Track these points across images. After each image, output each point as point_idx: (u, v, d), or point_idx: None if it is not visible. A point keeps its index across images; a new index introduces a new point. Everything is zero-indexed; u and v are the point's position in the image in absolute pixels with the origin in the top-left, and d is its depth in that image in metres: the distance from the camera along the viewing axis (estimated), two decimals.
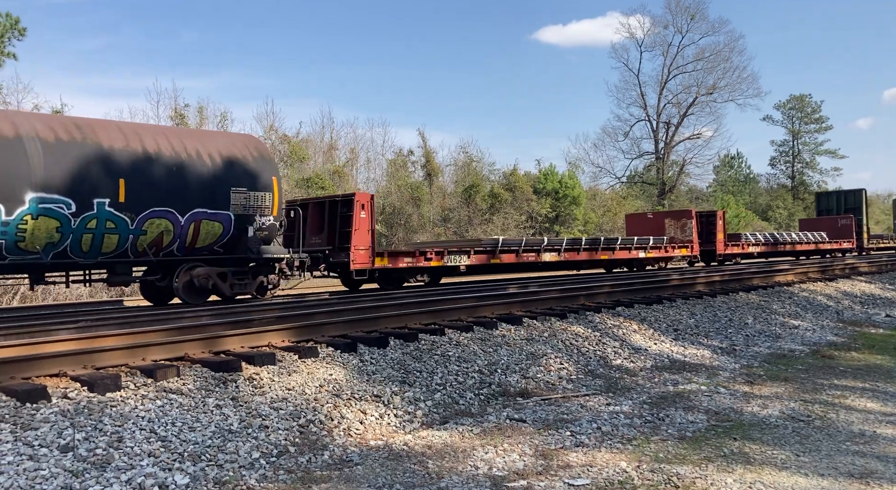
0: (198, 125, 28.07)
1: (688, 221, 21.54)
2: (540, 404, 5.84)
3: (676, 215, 22.27)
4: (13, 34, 21.88)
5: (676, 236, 21.27)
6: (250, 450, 4.34)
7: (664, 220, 22.06)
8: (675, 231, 21.42)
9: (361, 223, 12.88)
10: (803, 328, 10.65)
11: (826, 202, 35.50)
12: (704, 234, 22.34)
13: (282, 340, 6.39)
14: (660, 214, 22.81)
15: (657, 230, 21.55)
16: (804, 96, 62.22)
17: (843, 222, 31.04)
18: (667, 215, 22.43)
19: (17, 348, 5.40)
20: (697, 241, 21.47)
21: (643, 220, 23.34)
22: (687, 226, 21.43)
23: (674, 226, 21.54)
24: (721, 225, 22.78)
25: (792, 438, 4.87)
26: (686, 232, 21.35)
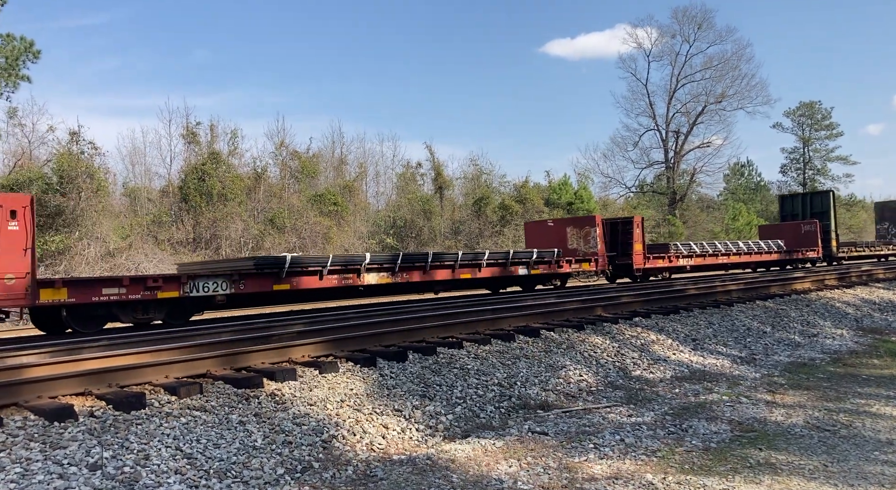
0: (209, 143, 28.33)
1: (591, 230, 17.73)
2: (561, 416, 5.82)
3: (579, 223, 18.48)
4: (27, 57, 22.24)
5: (580, 248, 17.73)
6: (275, 466, 4.35)
7: (566, 229, 18.33)
8: (578, 242, 17.87)
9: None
10: (823, 336, 10.56)
11: (790, 206, 31.23)
12: (620, 244, 18.93)
13: (302, 356, 6.42)
14: (561, 222, 19.09)
15: (559, 241, 18.08)
16: (814, 103, 62.03)
17: (807, 228, 27.15)
18: (569, 223, 18.68)
19: (43, 367, 5.46)
20: (605, 254, 17.83)
21: (543, 229, 19.38)
22: (590, 235, 17.68)
23: (576, 235, 17.94)
24: (639, 234, 18.91)
25: (818, 448, 4.83)
26: (590, 243, 17.61)
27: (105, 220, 22.22)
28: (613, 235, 18.97)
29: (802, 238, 26.62)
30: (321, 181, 31.45)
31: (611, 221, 19.52)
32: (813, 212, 28.90)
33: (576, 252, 17.59)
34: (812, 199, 29.99)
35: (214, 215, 24.60)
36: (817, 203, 29.39)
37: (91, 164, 22.21)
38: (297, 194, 28.56)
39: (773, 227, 29.96)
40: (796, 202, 30.84)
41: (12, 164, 24.19)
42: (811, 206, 29.52)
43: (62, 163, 21.62)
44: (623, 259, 18.74)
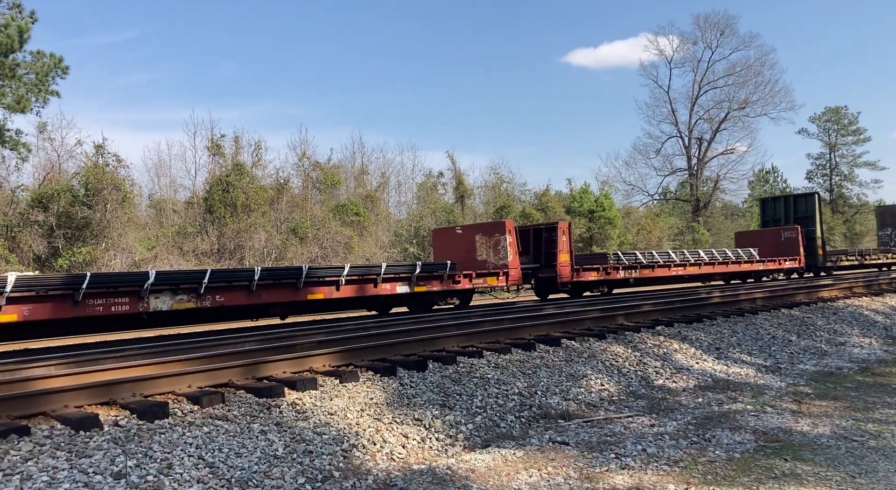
0: (233, 155, 28.70)
1: (501, 238, 14.88)
2: (582, 426, 5.77)
3: (488, 230, 15.49)
4: (57, 73, 22.73)
5: (489, 259, 15.00)
6: (296, 475, 4.38)
7: (475, 237, 15.54)
8: (488, 252, 15.12)
9: None
10: (850, 345, 10.37)
11: (772, 210, 27.82)
12: (544, 255, 16.50)
13: (322, 365, 6.46)
14: (470, 229, 16.25)
15: (467, 251, 15.55)
16: (840, 108, 61.21)
17: (788, 235, 23.91)
18: (478, 230, 15.81)
19: (69, 377, 5.56)
20: (518, 266, 15.09)
21: (452, 238, 16.42)
22: (500, 244, 14.85)
23: (485, 244, 15.18)
24: (565, 242, 16.23)
25: (846, 459, 4.73)
26: (500, 253, 14.84)
27: (131, 231, 22.60)
28: (537, 244, 16.66)
29: (783, 246, 23.72)
30: (342, 191, 31.69)
31: (533, 228, 17.21)
32: (797, 216, 26.02)
33: (485, 264, 14.93)
34: (796, 203, 26.79)
35: (238, 226, 24.89)
36: (801, 207, 26.35)
37: (117, 177, 22.61)
38: (320, 205, 28.81)
39: (750, 234, 27.19)
40: (778, 206, 27.63)
41: (42, 178, 24.71)
42: (794, 211, 26.46)
43: (89, 175, 22.04)
44: (547, 271, 16.25)
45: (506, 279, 14.71)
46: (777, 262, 22.62)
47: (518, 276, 15.06)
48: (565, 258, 16.25)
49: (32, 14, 21.29)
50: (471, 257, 15.28)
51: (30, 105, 21.27)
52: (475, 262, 15.14)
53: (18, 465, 3.92)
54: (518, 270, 15.02)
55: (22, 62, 21.14)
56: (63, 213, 21.39)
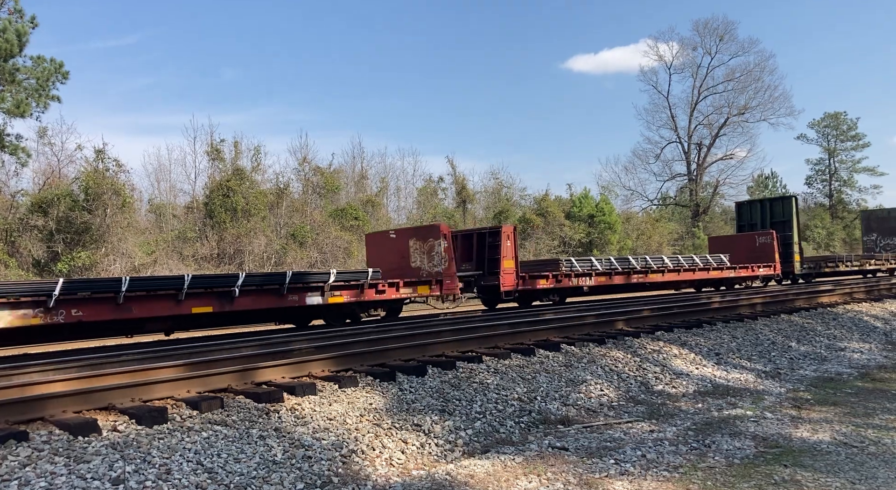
0: (233, 160, 28.74)
1: (436, 244, 13.54)
2: (582, 432, 5.77)
3: (422, 234, 14.12)
4: (57, 78, 22.79)
5: (423, 266, 13.69)
6: (294, 481, 4.36)
7: (408, 242, 14.24)
8: (422, 258, 13.79)
9: None
10: (850, 350, 10.36)
11: (748, 214, 26.37)
12: (487, 261, 15.15)
13: (321, 370, 6.45)
14: (404, 233, 14.83)
15: (401, 257, 14.26)
16: (839, 114, 61.33)
17: (763, 240, 22.67)
18: (412, 235, 14.47)
19: (68, 383, 5.55)
20: (455, 274, 13.66)
21: (385, 242, 15.05)
22: (435, 250, 13.51)
23: (419, 250, 13.88)
24: (510, 248, 14.92)
25: (846, 465, 4.73)
26: (434, 259, 13.53)
27: (130, 236, 22.61)
28: (480, 250, 15.37)
29: (757, 252, 22.49)
30: (342, 196, 31.73)
31: (477, 233, 15.83)
32: (773, 221, 24.78)
33: (419, 271, 13.69)
34: (772, 206, 25.49)
35: (238, 231, 24.91)
36: (777, 210, 25.05)
37: (116, 181, 22.64)
38: (319, 209, 28.84)
39: (724, 240, 25.93)
40: (754, 210, 26.27)
41: (42, 183, 24.73)
42: (771, 215, 25.13)
43: (89, 180, 22.07)
44: (490, 279, 14.91)
45: (440, 288, 13.34)
46: (750, 269, 21.26)
47: (455, 285, 13.69)
48: (509, 265, 14.98)
49: (33, 19, 21.37)
50: (405, 264, 14.05)
51: (30, 110, 21.31)
52: (409, 269, 13.87)
53: (16, 470, 3.91)
54: (455, 279, 13.69)
55: (22, 67, 21.19)
56: (63, 217, 21.42)
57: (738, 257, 21.68)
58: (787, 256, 23.32)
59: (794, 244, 23.76)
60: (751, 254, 22.31)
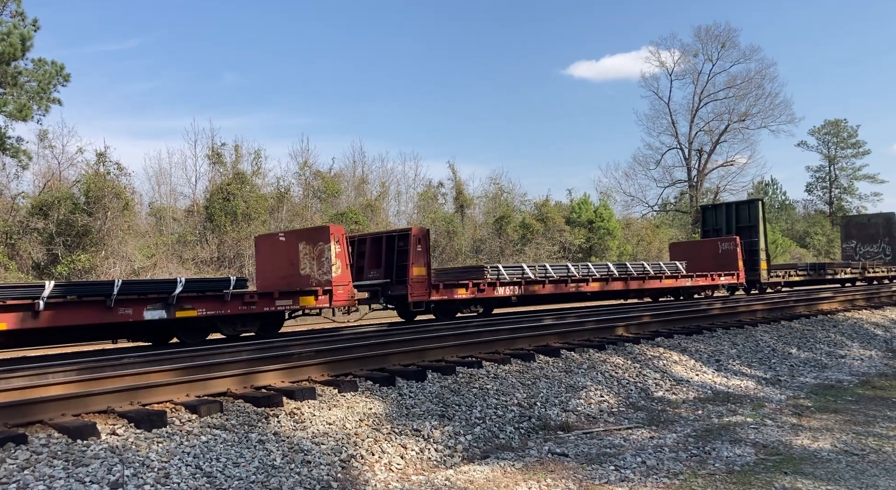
0: (233, 163, 28.77)
1: (325, 248, 11.93)
2: (582, 438, 5.75)
3: (311, 238, 12.41)
4: (58, 81, 22.82)
5: (313, 273, 12.11)
6: (293, 485, 4.35)
7: (298, 247, 12.58)
8: (311, 264, 12.18)
9: None
10: (850, 357, 10.35)
11: (713, 219, 24.58)
12: (395, 268, 13.59)
13: (321, 374, 6.43)
14: (294, 236, 13.04)
15: (290, 263, 12.55)
16: (839, 121, 61.46)
17: (726, 247, 21.14)
18: (302, 237, 12.70)
19: (67, 385, 5.54)
20: (349, 282, 12.10)
21: (275, 246, 13.18)
22: (324, 255, 11.92)
23: (309, 255, 12.28)
24: (420, 253, 13.39)
25: (846, 473, 4.71)
26: (324, 266, 11.95)
27: (131, 239, 22.62)
28: (388, 256, 13.79)
29: (720, 259, 21.02)
30: (343, 200, 31.74)
31: (386, 236, 14.19)
32: (739, 226, 23.16)
33: (308, 280, 12.12)
34: (738, 211, 23.77)
35: (238, 234, 24.92)
36: (744, 215, 23.37)
37: (117, 185, 22.66)
38: (320, 213, 28.85)
39: (686, 246, 24.41)
40: (719, 214, 24.45)
41: (42, 185, 24.76)
42: (737, 219, 23.46)
43: (89, 183, 22.09)
44: (398, 288, 13.33)
45: (329, 299, 11.67)
46: (709, 278, 19.75)
47: (348, 296, 12.02)
48: (419, 272, 13.33)
49: (35, 22, 21.41)
50: (294, 271, 12.41)
51: (31, 113, 21.33)
52: (299, 277, 12.28)
53: (15, 473, 3.90)
54: (348, 288, 12.01)
55: (24, 70, 21.22)
56: (63, 220, 21.42)
57: (700, 265, 20.40)
58: (752, 264, 21.94)
59: (761, 251, 22.28)
60: (713, 261, 20.96)
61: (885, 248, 31.77)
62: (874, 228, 32.72)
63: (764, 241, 22.50)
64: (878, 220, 33.42)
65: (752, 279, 21.73)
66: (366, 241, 14.47)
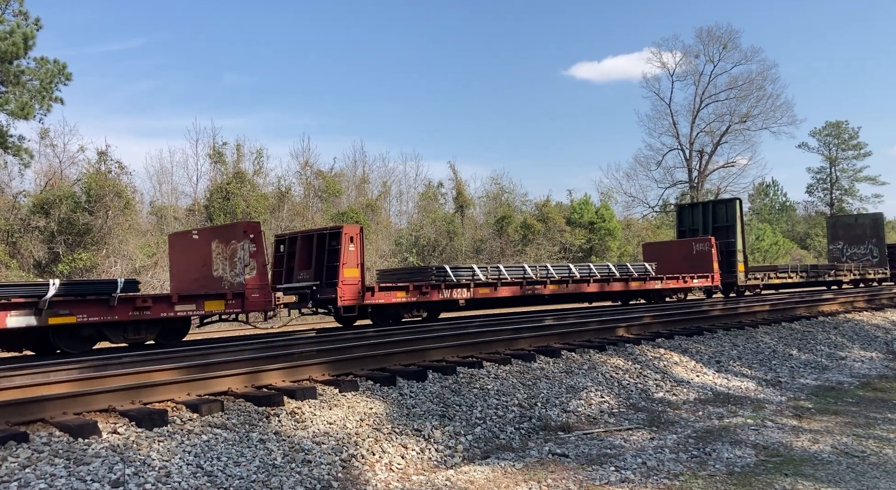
0: (235, 163, 28.78)
1: (239, 247, 10.95)
2: (582, 438, 5.75)
3: (224, 236, 11.37)
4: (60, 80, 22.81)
5: (225, 276, 11.10)
6: (294, 485, 4.36)
7: (211, 245, 11.53)
8: (223, 264, 11.18)
9: None
10: (851, 359, 10.34)
11: (689, 219, 23.57)
12: (326, 270, 12.41)
13: (321, 374, 6.44)
14: (208, 234, 11.95)
15: (203, 264, 11.57)
16: (840, 123, 61.38)
17: (701, 248, 20.15)
18: (215, 235, 11.64)
19: (69, 384, 5.54)
20: (265, 284, 11.21)
21: (189, 245, 12.19)
22: (237, 255, 10.92)
23: (222, 254, 11.24)
24: (353, 253, 12.23)
25: (847, 475, 4.71)
26: (237, 267, 10.93)
27: (132, 238, 22.62)
28: (319, 256, 12.67)
29: (694, 260, 20.06)
30: (344, 200, 31.74)
31: (317, 234, 12.96)
32: (716, 226, 22.27)
33: (221, 282, 11.04)
34: (715, 210, 22.87)
35: None
36: (721, 215, 22.48)
37: (118, 183, 22.68)
38: (321, 213, 28.85)
39: (659, 246, 23.36)
40: (696, 213, 23.47)
41: (43, 184, 24.78)
42: (713, 219, 22.55)
43: (91, 182, 22.10)
44: (328, 291, 12.22)
45: (240, 303, 10.70)
46: (681, 280, 18.83)
47: (265, 300, 11.03)
48: (352, 274, 12.19)
49: (38, 21, 21.40)
50: (208, 273, 11.37)
51: (33, 112, 21.33)
52: (212, 279, 11.27)
53: (16, 471, 3.91)
54: (265, 292, 11.01)
55: (26, 69, 21.23)
56: (64, 218, 21.43)
57: (673, 266, 19.61)
58: (729, 266, 21.09)
59: (738, 252, 21.38)
60: (687, 262, 20.04)
61: (872, 250, 30.18)
62: (861, 229, 31.09)
63: (742, 241, 21.67)
64: (865, 220, 31.95)
65: (728, 282, 21.00)
66: (297, 239, 13.37)
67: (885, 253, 29.55)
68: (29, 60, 21.33)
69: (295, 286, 12.58)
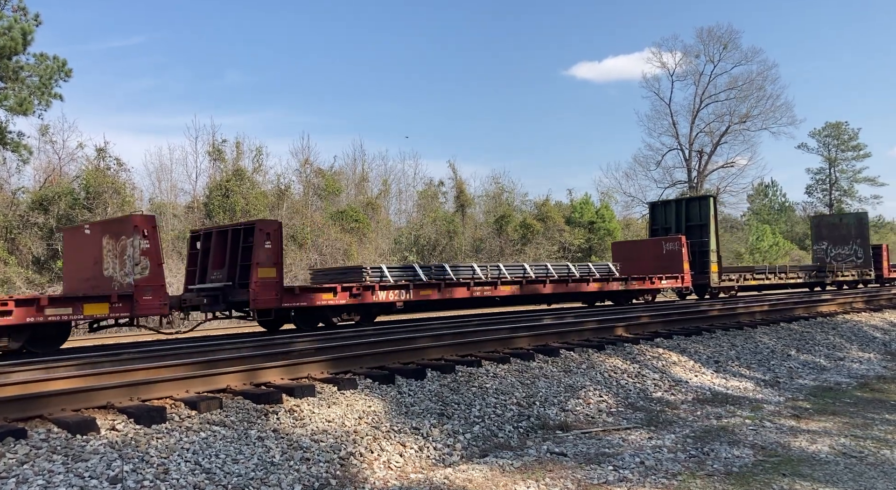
0: (234, 160, 28.75)
1: (129, 243, 9.78)
2: (580, 438, 5.76)
3: (115, 229, 10.22)
4: (60, 76, 22.79)
5: (116, 275, 10.01)
6: (292, 482, 4.35)
7: (102, 241, 10.37)
8: (114, 262, 10.09)
9: None
10: (849, 360, 10.36)
11: (662, 217, 22.58)
12: (238, 268, 11.28)
13: (320, 372, 6.44)
14: (99, 228, 10.70)
15: (94, 262, 10.47)
16: (840, 123, 61.45)
17: (671, 247, 19.20)
18: (106, 230, 10.45)
19: (67, 380, 5.54)
20: (161, 286, 9.97)
21: (81, 241, 11.07)
22: (128, 252, 9.78)
23: (113, 251, 10.12)
24: (269, 251, 11.08)
25: (844, 475, 4.72)
26: (127, 265, 9.82)
27: None
28: (233, 254, 11.51)
29: (664, 260, 19.20)
30: (343, 198, 31.73)
31: (232, 229, 11.80)
32: (689, 225, 21.36)
33: (110, 282, 10.03)
34: (688, 208, 21.90)
35: None
36: (694, 213, 21.52)
37: (117, 180, 22.66)
38: (320, 211, 28.84)
39: (629, 246, 22.57)
40: (669, 211, 22.44)
41: (42, 180, 24.75)
42: (687, 217, 21.57)
43: (89, 179, 22.08)
44: (241, 292, 11.08)
45: (129, 307, 9.56)
46: (647, 281, 17.91)
47: (159, 303, 9.83)
48: (268, 273, 11.05)
49: (37, 17, 21.37)
50: (99, 272, 10.30)
51: (32, 108, 21.31)
52: (102, 279, 10.22)
53: (14, 468, 3.90)
54: (161, 293, 9.88)
55: (25, 65, 21.20)
56: (63, 215, 21.42)
57: (643, 266, 18.89)
58: (702, 266, 20.24)
59: (712, 252, 20.48)
60: (657, 262, 19.18)
61: (856, 251, 29.16)
62: (846, 229, 29.96)
63: (716, 241, 20.83)
64: (849, 220, 30.90)
65: (701, 283, 20.33)
66: (211, 235, 12.20)
67: (869, 254, 28.90)
68: (28, 56, 21.32)
69: (206, 287, 11.51)
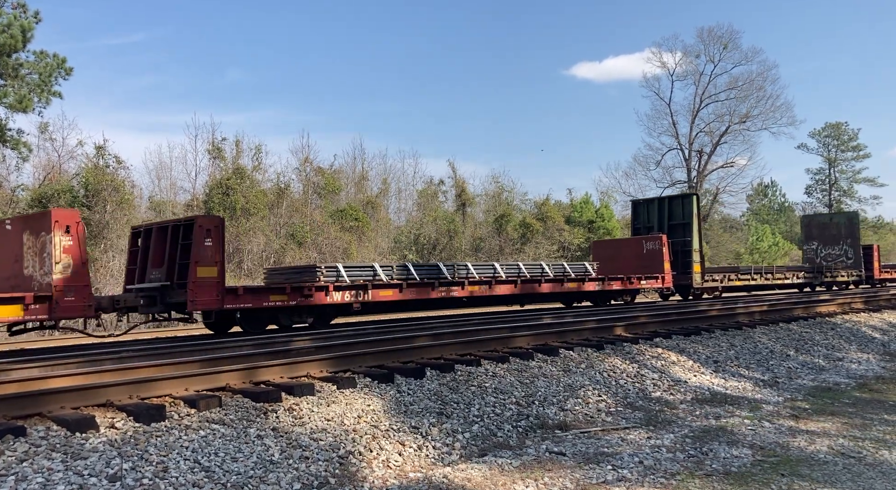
0: (234, 158, 28.75)
1: (48, 240, 9.23)
2: (579, 437, 5.76)
3: (34, 226, 9.65)
4: (60, 74, 22.77)
5: (35, 274, 9.47)
6: (291, 481, 4.36)
7: (22, 238, 9.79)
8: (34, 261, 9.52)
9: None
10: (848, 360, 10.36)
11: (645, 216, 21.92)
12: (177, 266, 10.59)
13: (320, 371, 6.44)
14: (20, 224, 10.10)
15: (14, 259, 9.89)
16: (840, 124, 61.44)
17: (651, 246, 18.64)
18: (26, 225, 9.85)
19: (67, 378, 5.54)
20: (86, 286, 9.45)
21: (2, 236, 10.35)
22: (46, 250, 9.21)
23: (32, 248, 9.57)
24: (209, 248, 10.35)
25: (843, 475, 4.72)
26: (45, 265, 9.29)
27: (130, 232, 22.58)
28: (172, 252, 10.78)
29: (644, 260, 18.65)
30: (343, 197, 31.73)
31: (172, 226, 11.01)
32: (672, 223, 20.72)
33: (30, 282, 9.51)
34: (671, 206, 21.23)
35: (237, 230, 24.89)
36: (677, 211, 20.89)
37: (116, 178, 22.65)
38: (320, 209, 28.84)
39: (609, 245, 22.08)
40: (651, 210, 21.71)
41: (42, 178, 24.74)
42: (669, 216, 20.94)
43: (89, 176, 22.08)
44: (179, 293, 10.44)
45: (46, 309, 8.98)
46: (626, 282, 17.34)
47: (81, 304, 9.27)
48: (208, 273, 10.31)
49: (37, 14, 21.35)
50: (19, 270, 9.73)
51: (31, 105, 21.29)
52: (23, 278, 9.67)
53: (13, 465, 3.91)
54: (83, 294, 9.29)
55: (25, 62, 21.18)
56: None
57: (623, 266, 18.37)
58: (684, 266, 19.65)
59: (695, 252, 19.87)
60: (638, 262, 18.60)
61: (847, 251, 28.48)
62: (836, 229, 29.21)
63: (698, 240, 20.23)
64: (840, 219, 30.28)
65: (683, 283, 19.74)
66: (151, 232, 11.45)
67: (859, 254, 28.30)
68: (28, 54, 21.30)
69: (144, 287, 10.78)
